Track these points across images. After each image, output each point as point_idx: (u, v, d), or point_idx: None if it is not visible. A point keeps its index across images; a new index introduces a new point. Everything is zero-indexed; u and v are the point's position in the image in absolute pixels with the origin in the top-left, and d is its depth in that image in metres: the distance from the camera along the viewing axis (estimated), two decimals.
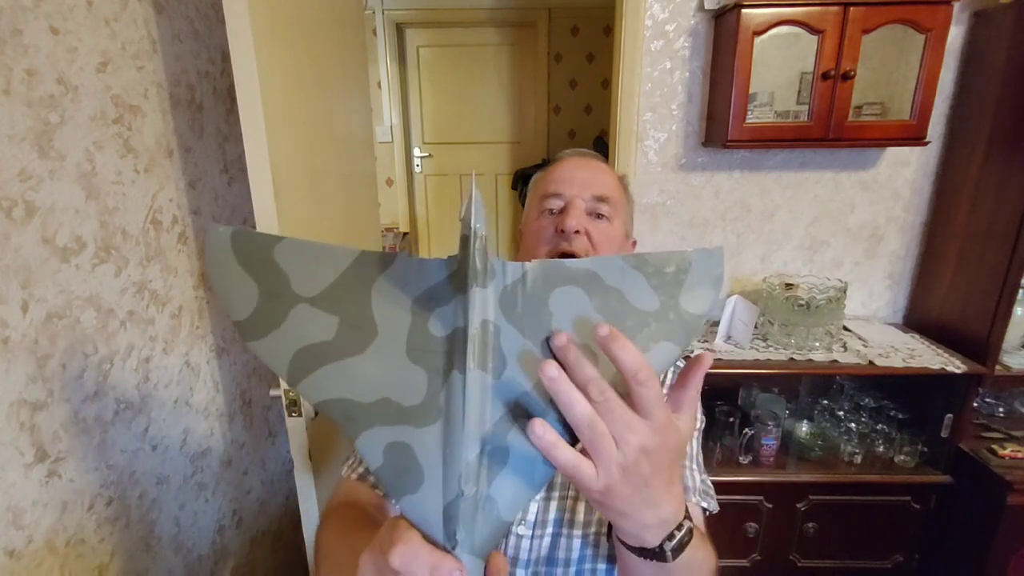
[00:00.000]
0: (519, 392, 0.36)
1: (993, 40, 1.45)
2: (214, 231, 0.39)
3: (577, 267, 0.38)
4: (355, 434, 0.36)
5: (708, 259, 0.39)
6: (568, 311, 0.37)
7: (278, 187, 0.85)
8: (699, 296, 0.39)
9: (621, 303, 0.38)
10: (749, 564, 1.61)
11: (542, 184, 0.78)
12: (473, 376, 0.34)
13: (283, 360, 0.38)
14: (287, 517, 1.46)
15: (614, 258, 0.39)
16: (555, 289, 0.38)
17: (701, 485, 0.70)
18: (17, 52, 0.69)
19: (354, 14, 1.41)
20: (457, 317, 0.36)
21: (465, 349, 0.35)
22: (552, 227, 0.73)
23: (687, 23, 1.58)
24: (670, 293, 0.39)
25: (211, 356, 1.12)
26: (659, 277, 0.39)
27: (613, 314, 0.38)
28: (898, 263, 1.76)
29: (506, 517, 0.35)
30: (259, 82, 0.80)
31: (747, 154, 1.67)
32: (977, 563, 1.42)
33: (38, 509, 0.72)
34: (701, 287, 0.39)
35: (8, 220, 0.68)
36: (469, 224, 0.36)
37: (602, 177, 0.76)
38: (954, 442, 1.47)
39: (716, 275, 0.40)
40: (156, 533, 0.96)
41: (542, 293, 0.38)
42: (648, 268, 0.39)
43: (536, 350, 0.37)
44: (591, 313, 0.37)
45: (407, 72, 3.36)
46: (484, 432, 0.35)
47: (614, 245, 0.75)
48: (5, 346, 0.68)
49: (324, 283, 0.39)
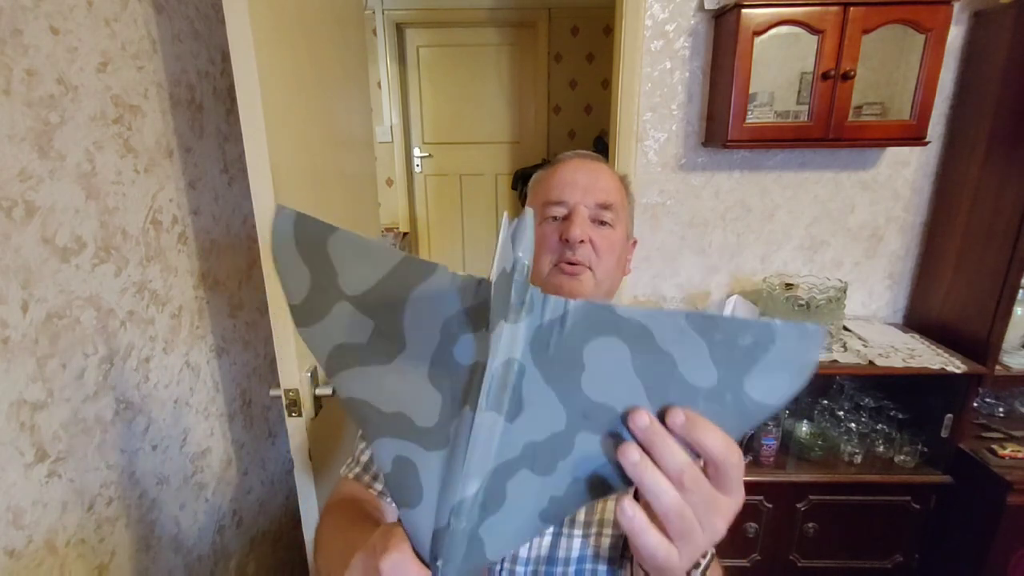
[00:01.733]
0: (529, 441, 0.34)
1: (993, 40, 1.45)
2: (281, 212, 0.39)
3: (629, 318, 0.33)
4: (370, 438, 0.36)
5: (800, 339, 0.31)
6: (603, 367, 0.33)
7: (278, 187, 0.85)
8: (773, 382, 0.31)
9: (668, 370, 0.32)
10: (749, 564, 1.61)
11: (544, 189, 0.77)
12: (483, 417, 0.33)
13: (323, 352, 0.37)
14: (287, 517, 1.46)
15: (676, 316, 0.32)
16: (596, 338, 0.33)
17: None
18: (17, 52, 0.69)
19: (354, 14, 1.41)
20: (481, 349, 0.34)
21: (481, 387, 0.33)
22: (556, 235, 0.73)
23: (687, 23, 1.58)
24: (735, 370, 0.31)
25: (211, 356, 1.12)
26: (727, 348, 0.31)
27: (654, 380, 0.32)
28: (898, 263, 1.76)
29: (491, 557, 0.34)
30: (259, 82, 0.80)
31: (747, 154, 1.67)
32: (977, 563, 1.42)
33: (38, 509, 0.72)
34: (779, 372, 0.31)
35: (8, 220, 0.68)
36: (511, 251, 0.33)
37: (604, 181, 0.76)
38: (954, 442, 1.47)
39: (805, 361, 0.31)
40: (156, 533, 0.96)
41: (580, 340, 0.33)
42: (716, 335, 0.31)
43: (556, 400, 0.33)
44: (629, 374, 0.32)
45: (407, 72, 3.36)
46: (485, 473, 0.34)
47: (616, 250, 0.75)
48: (5, 346, 0.68)
49: (366, 284, 0.37)
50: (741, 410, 0.32)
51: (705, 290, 1.81)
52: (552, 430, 0.33)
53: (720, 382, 0.31)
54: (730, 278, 1.80)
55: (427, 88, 3.41)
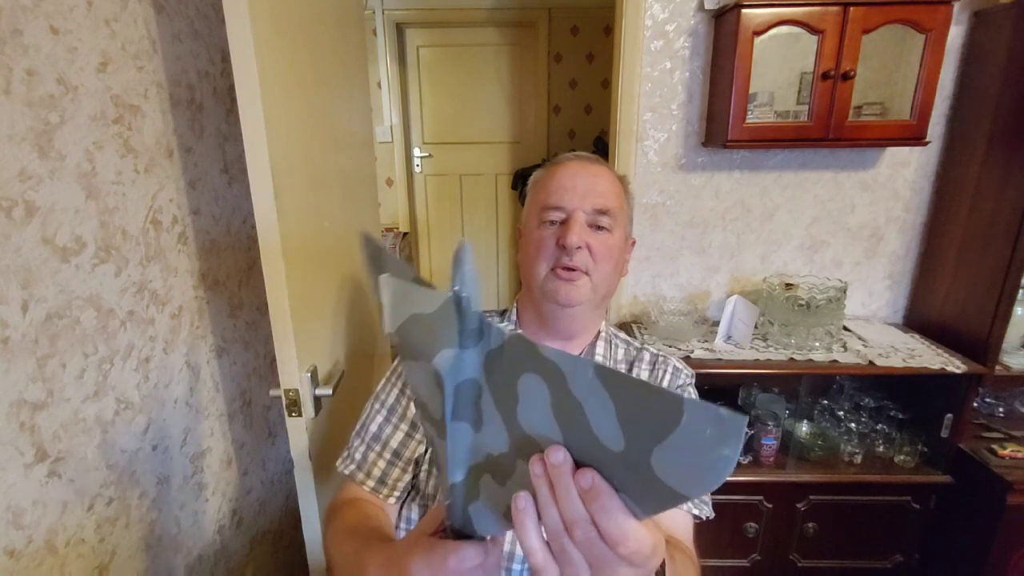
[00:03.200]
0: (489, 452, 0.38)
1: (993, 40, 1.45)
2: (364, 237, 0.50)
3: (547, 358, 0.31)
4: (418, 415, 0.45)
5: (713, 425, 0.25)
6: (531, 402, 0.33)
7: (278, 187, 0.85)
8: (681, 469, 0.26)
9: (582, 421, 0.30)
10: (749, 564, 1.61)
11: (542, 192, 0.77)
12: (455, 426, 0.38)
13: (397, 318, 0.41)
14: (287, 517, 1.46)
15: (586, 366, 0.29)
16: (524, 373, 0.33)
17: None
18: (17, 52, 0.69)
19: (354, 14, 1.41)
20: (455, 367, 0.37)
21: (451, 400, 0.37)
22: (553, 240, 0.73)
23: (687, 23, 1.58)
24: (643, 442, 0.27)
25: (211, 356, 1.12)
26: (635, 413, 0.27)
27: (570, 427, 0.31)
28: (898, 263, 1.76)
29: (480, 532, 0.40)
30: (259, 82, 0.80)
31: (747, 154, 1.67)
32: (977, 563, 1.42)
33: (38, 509, 0.72)
34: (688, 458, 0.26)
35: (8, 220, 0.68)
36: (460, 293, 0.37)
37: (603, 185, 0.76)
38: (954, 442, 1.47)
39: (716, 456, 0.25)
40: (156, 533, 0.96)
41: (514, 373, 0.34)
42: (622, 394, 0.28)
43: (502, 423, 0.36)
44: (549, 415, 0.32)
45: (407, 72, 3.36)
46: (465, 468, 0.39)
47: (614, 255, 0.76)
48: (5, 346, 0.68)
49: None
50: (652, 488, 0.28)
51: (705, 290, 1.81)
52: (500, 450, 0.36)
53: (628, 449, 0.28)
54: (730, 278, 1.80)
55: (427, 88, 3.41)
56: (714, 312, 1.80)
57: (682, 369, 0.84)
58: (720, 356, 1.51)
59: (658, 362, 0.84)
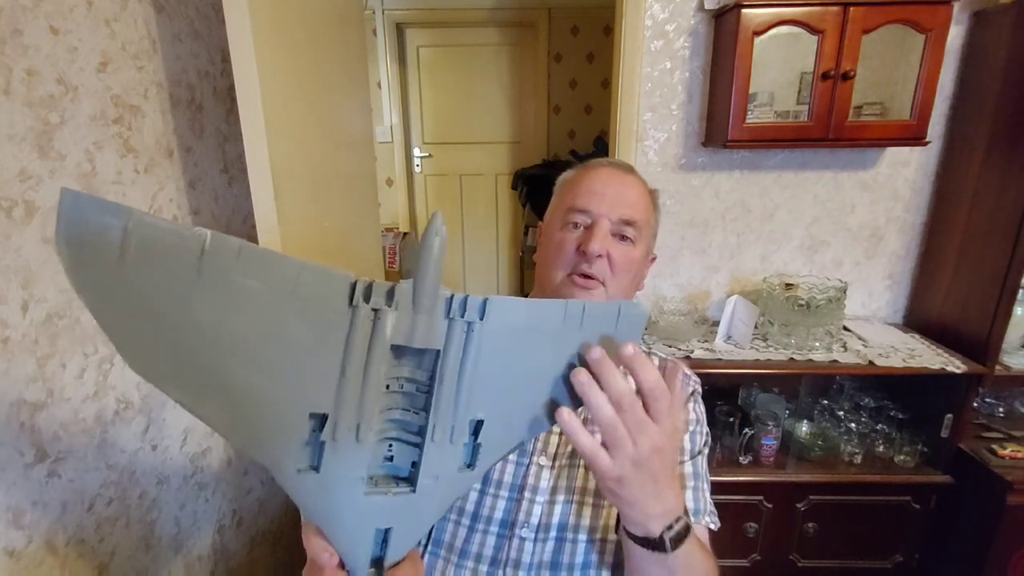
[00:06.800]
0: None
1: (993, 40, 1.45)
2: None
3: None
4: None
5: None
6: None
7: (278, 187, 0.85)
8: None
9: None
10: (749, 564, 1.61)
11: (570, 193, 0.75)
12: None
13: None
14: (287, 517, 1.46)
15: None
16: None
17: (709, 506, 0.71)
18: (17, 52, 0.69)
19: (354, 14, 1.41)
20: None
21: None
22: (575, 245, 0.71)
23: (687, 23, 1.58)
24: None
25: None
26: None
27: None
28: (898, 263, 1.76)
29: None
30: (259, 82, 0.80)
31: (747, 154, 1.67)
32: (977, 563, 1.42)
33: (38, 509, 0.72)
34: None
35: (8, 220, 0.68)
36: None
37: (633, 195, 0.74)
38: (954, 442, 1.47)
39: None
40: (156, 533, 0.96)
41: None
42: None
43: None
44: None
45: (407, 72, 3.36)
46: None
47: (633, 268, 0.74)
48: (5, 346, 0.68)
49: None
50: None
51: (705, 290, 1.81)
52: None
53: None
54: (730, 278, 1.80)
55: (427, 88, 3.41)
56: (714, 312, 1.80)
57: (689, 375, 0.83)
58: (720, 356, 1.51)
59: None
